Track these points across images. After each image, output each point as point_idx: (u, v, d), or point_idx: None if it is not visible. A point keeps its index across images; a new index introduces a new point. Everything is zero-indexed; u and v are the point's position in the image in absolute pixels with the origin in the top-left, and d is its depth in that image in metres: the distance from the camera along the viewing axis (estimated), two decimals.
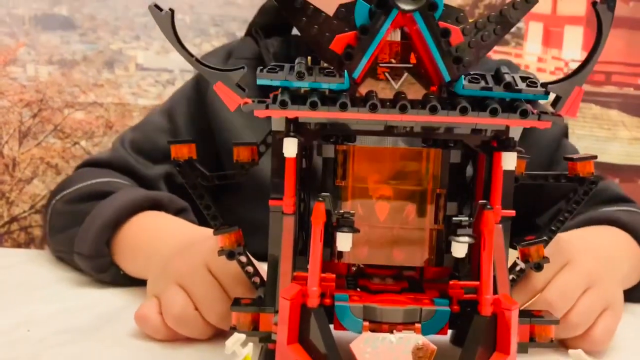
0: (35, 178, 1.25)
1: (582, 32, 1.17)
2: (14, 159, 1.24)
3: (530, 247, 0.46)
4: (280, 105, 0.39)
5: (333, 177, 0.45)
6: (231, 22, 1.24)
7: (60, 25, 1.23)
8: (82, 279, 0.65)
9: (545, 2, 1.18)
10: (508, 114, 0.39)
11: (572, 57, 1.17)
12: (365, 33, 0.40)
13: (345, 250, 0.39)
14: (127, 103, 1.23)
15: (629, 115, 1.20)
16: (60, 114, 1.23)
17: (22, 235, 1.27)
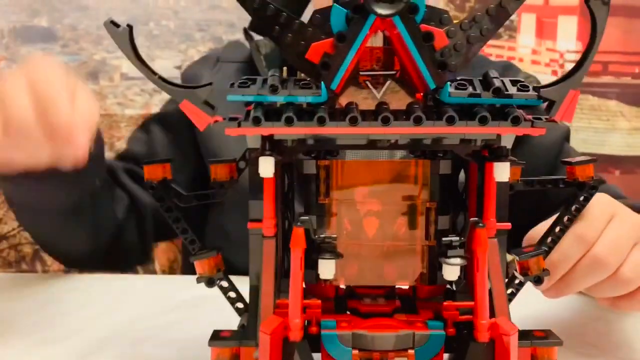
0: None
1: (577, 22, 1.14)
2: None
3: (530, 260, 0.44)
4: (253, 122, 0.36)
5: (316, 194, 0.43)
6: (217, 26, 1.21)
7: (41, 37, 1.20)
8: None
9: None
10: (498, 122, 0.36)
11: (567, 48, 1.14)
12: (343, 40, 0.37)
13: (328, 278, 0.36)
14: (114, 114, 1.20)
15: (627, 105, 1.17)
16: None
17: (12, 253, 1.25)
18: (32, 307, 0.61)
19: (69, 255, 0.71)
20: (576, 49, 1.14)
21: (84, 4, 1.19)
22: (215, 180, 0.45)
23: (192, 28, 1.21)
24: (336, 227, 0.42)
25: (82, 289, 0.67)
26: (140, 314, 0.59)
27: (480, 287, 0.35)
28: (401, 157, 0.43)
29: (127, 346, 0.52)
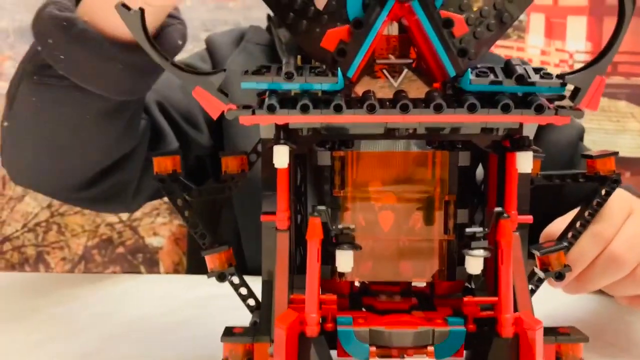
0: (27, 195, 1.21)
1: (586, 22, 1.12)
2: (4, 177, 1.20)
3: (551, 255, 0.42)
4: (268, 110, 0.35)
5: (330, 186, 0.41)
6: (223, 26, 1.20)
7: None
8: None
9: None
10: (522, 110, 0.35)
11: (576, 49, 1.13)
12: (359, 27, 0.36)
13: (346, 271, 0.35)
14: None
15: (638, 106, 1.16)
16: None
17: (15, 255, 1.23)
18: (38, 306, 0.60)
19: (72, 173, 0.62)
20: (585, 50, 1.12)
21: None
22: (226, 172, 0.44)
23: (198, 28, 1.20)
24: (351, 220, 0.41)
25: (87, 289, 0.65)
26: (147, 313, 0.58)
27: (504, 280, 0.34)
28: (418, 149, 0.42)
29: (134, 344, 0.51)
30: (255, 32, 0.81)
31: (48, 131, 0.59)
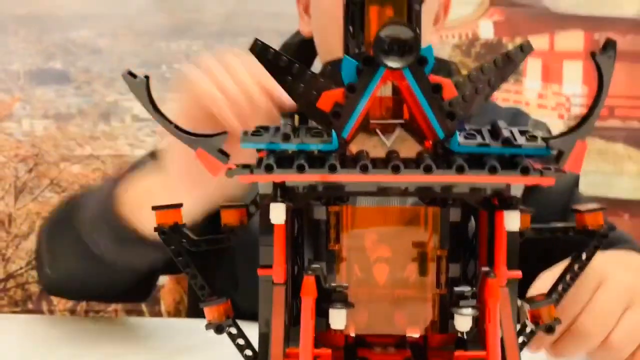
0: (32, 233, 1.23)
1: (582, 67, 1.15)
2: (10, 214, 1.22)
3: (541, 308, 0.43)
4: (266, 169, 0.37)
5: (326, 240, 0.43)
6: None
7: (55, 79, 1.22)
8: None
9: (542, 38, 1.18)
10: (508, 172, 0.37)
11: (573, 92, 1.16)
12: (353, 91, 0.38)
13: (339, 328, 0.36)
14: (124, 154, 1.21)
15: (635, 149, 1.17)
16: (56, 167, 1.22)
17: (19, 292, 1.24)
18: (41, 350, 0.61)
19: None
20: (582, 93, 1.15)
21: (97, 48, 1.22)
22: (225, 225, 0.45)
23: None
24: (346, 273, 0.42)
25: (89, 331, 0.66)
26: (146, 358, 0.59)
27: (492, 338, 0.35)
28: (411, 204, 0.43)
29: None
30: None
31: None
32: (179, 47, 1.21)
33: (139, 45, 1.22)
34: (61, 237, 0.67)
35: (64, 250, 0.67)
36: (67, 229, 0.66)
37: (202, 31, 1.21)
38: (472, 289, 0.36)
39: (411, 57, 0.36)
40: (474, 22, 1.18)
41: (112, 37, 1.21)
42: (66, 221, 0.67)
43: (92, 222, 0.62)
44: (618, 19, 1.16)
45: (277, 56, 0.39)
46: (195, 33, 1.21)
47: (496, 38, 1.19)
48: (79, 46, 1.21)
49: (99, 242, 0.62)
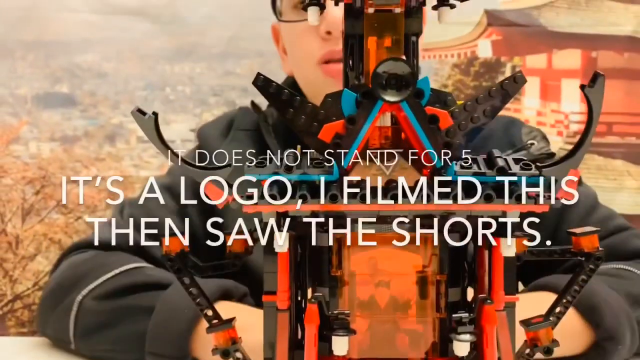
0: (39, 254, 1.24)
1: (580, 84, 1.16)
2: (17, 236, 1.24)
3: (539, 331, 0.44)
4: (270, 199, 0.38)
5: (328, 266, 0.44)
6: (231, 91, 1.26)
7: (61, 102, 1.25)
8: None
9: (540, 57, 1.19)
10: (503, 199, 0.38)
11: (571, 110, 1.17)
12: (353, 123, 0.40)
13: (342, 354, 0.37)
14: (129, 175, 1.23)
15: (634, 165, 1.19)
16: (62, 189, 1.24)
17: (25, 313, 1.25)
18: None
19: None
20: (580, 110, 1.16)
21: (103, 71, 1.25)
22: (230, 251, 0.47)
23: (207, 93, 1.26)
24: (348, 298, 0.43)
25: None
26: None
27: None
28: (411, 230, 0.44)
29: None
30: (244, 117, 0.86)
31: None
32: (182, 70, 1.24)
33: (143, 68, 1.24)
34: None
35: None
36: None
37: (205, 54, 1.23)
38: (470, 315, 0.37)
39: (408, 91, 0.38)
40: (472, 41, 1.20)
41: (117, 61, 1.24)
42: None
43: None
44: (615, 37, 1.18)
45: (279, 89, 0.41)
46: (198, 56, 1.23)
47: (495, 57, 1.21)
48: (84, 70, 1.24)
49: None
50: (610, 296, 0.64)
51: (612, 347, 0.63)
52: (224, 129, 0.85)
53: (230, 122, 0.86)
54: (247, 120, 0.85)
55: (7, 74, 1.23)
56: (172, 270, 0.45)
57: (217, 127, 0.86)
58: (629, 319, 0.64)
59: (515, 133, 0.82)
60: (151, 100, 1.23)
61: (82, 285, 0.68)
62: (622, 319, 0.63)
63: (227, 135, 0.84)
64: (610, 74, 1.15)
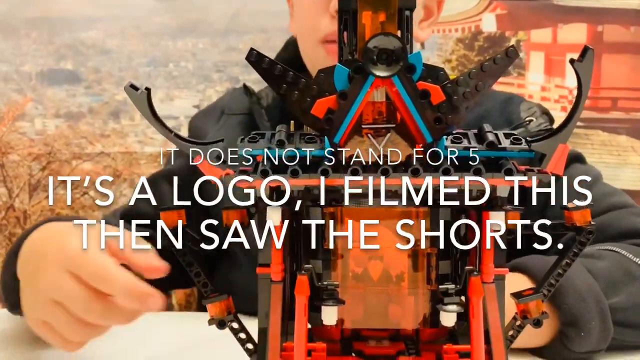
0: None
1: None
2: (25, 211, 1.26)
3: (530, 303, 0.45)
4: (262, 174, 0.39)
5: (321, 239, 0.45)
6: (234, 67, 1.26)
7: (66, 79, 1.26)
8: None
9: (545, 32, 1.18)
10: (492, 174, 0.38)
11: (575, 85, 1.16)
12: (345, 98, 0.40)
13: (331, 324, 0.38)
14: (134, 151, 1.24)
15: (638, 140, 1.18)
16: (69, 165, 1.25)
17: None
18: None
19: None
20: None
21: (107, 48, 1.25)
22: (227, 226, 0.48)
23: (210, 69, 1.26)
24: (341, 271, 0.44)
25: None
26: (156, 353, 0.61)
27: (476, 333, 0.37)
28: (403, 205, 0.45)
29: None
30: (236, 101, 0.85)
31: None
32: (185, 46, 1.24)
33: (146, 45, 1.24)
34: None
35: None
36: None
37: (208, 30, 1.23)
38: (456, 286, 0.37)
39: (398, 66, 0.38)
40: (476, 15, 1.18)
41: (121, 38, 1.24)
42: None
43: None
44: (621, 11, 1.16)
45: (272, 65, 0.41)
46: (201, 32, 1.23)
47: (499, 31, 1.19)
48: (88, 47, 1.24)
49: None
50: (579, 279, 0.59)
51: (575, 333, 0.58)
52: (216, 117, 0.85)
53: (222, 109, 0.86)
54: (239, 104, 0.85)
55: (11, 50, 1.23)
56: (169, 245, 0.46)
57: (208, 116, 0.86)
58: (598, 304, 0.59)
59: (513, 110, 0.80)
60: (155, 76, 1.23)
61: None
62: (590, 304, 0.58)
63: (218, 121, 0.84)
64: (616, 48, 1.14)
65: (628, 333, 0.62)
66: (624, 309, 0.61)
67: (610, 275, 0.62)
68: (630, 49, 1.14)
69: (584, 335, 0.59)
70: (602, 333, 0.60)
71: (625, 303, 0.62)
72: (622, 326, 0.61)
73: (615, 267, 0.64)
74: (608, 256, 0.65)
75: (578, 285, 0.59)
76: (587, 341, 0.59)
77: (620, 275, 0.63)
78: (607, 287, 0.61)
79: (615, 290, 0.62)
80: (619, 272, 0.63)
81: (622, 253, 0.65)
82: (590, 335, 0.59)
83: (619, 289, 0.62)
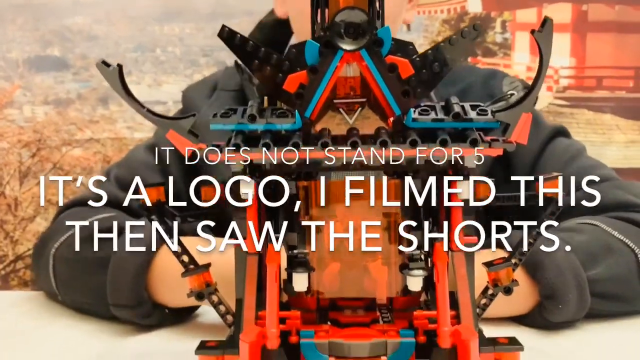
0: (38, 216, 1.27)
1: (570, 39, 1.16)
2: (16, 198, 1.27)
3: (500, 271, 0.46)
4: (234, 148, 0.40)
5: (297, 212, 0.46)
6: (220, 51, 1.26)
7: (54, 65, 1.26)
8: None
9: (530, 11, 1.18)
10: (458, 144, 0.39)
11: (561, 64, 1.17)
12: (315, 73, 0.41)
13: (301, 290, 0.39)
14: (124, 137, 1.25)
15: (623, 119, 1.19)
16: (59, 152, 1.26)
17: (27, 272, 1.29)
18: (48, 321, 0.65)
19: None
20: (570, 65, 1.16)
21: (93, 34, 1.25)
22: (205, 201, 0.49)
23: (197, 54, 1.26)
24: (317, 243, 0.45)
25: None
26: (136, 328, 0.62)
27: (441, 297, 0.38)
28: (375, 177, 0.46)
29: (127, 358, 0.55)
30: (229, 77, 0.86)
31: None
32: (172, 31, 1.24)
33: (133, 30, 1.24)
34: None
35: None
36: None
37: (194, 14, 1.23)
38: (421, 251, 0.39)
39: (365, 39, 0.39)
40: None
41: (107, 23, 1.24)
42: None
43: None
44: None
45: (243, 41, 0.42)
46: (187, 16, 1.23)
47: (484, 12, 1.20)
48: (75, 33, 1.24)
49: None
50: (559, 254, 0.60)
51: (553, 305, 0.60)
52: (208, 91, 0.86)
53: (215, 83, 0.87)
54: (232, 81, 0.86)
55: None
56: (149, 219, 0.47)
57: (201, 89, 0.87)
58: (576, 277, 0.61)
59: (496, 85, 0.81)
60: (142, 61, 1.23)
61: (56, 238, 0.69)
62: (568, 277, 0.60)
63: (211, 96, 0.84)
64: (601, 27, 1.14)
65: (605, 304, 0.64)
66: (602, 281, 0.63)
67: (590, 249, 0.64)
68: (615, 28, 1.15)
69: (561, 307, 0.61)
70: (579, 305, 0.61)
71: (603, 275, 0.63)
72: (599, 297, 0.63)
73: (594, 240, 0.65)
74: (588, 230, 0.66)
75: (558, 260, 0.61)
76: (564, 312, 0.61)
77: (599, 249, 0.65)
78: (586, 260, 0.62)
79: (594, 263, 0.63)
80: (598, 246, 0.65)
81: (602, 227, 0.67)
82: (568, 307, 0.61)
83: (597, 261, 0.64)
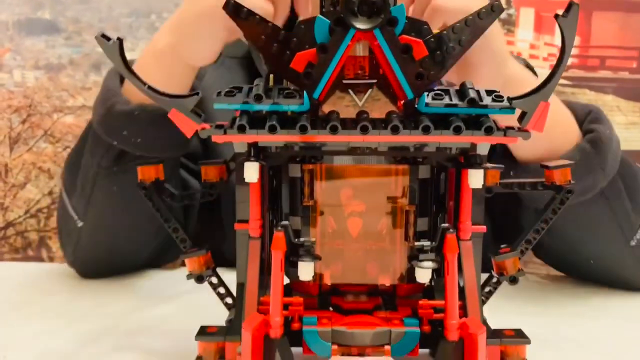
0: (29, 183, 1.25)
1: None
2: (6, 165, 1.24)
3: (506, 260, 0.45)
4: (238, 130, 0.38)
5: (301, 196, 0.44)
6: None
7: (45, 29, 1.21)
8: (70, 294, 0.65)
9: None
10: (472, 131, 0.38)
11: None
12: (325, 51, 0.39)
13: (307, 279, 0.38)
14: None
15: (624, 100, 1.17)
16: (50, 118, 1.23)
17: (18, 240, 1.28)
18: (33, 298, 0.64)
19: (144, 249, 0.71)
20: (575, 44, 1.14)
21: None
22: (205, 180, 0.47)
23: None
24: (320, 227, 0.44)
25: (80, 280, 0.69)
26: (135, 305, 0.62)
27: (450, 289, 0.37)
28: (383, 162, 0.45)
29: (122, 337, 0.54)
30: (235, 45, 0.83)
31: (128, 216, 0.66)
32: None
33: None
34: (86, 172, 0.66)
35: (90, 187, 0.66)
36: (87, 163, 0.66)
37: None
38: (432, 243, 0.37)
39: (380, 18, 0.37)
40: None
41: None
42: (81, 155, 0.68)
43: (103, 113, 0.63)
44: None
45: (250, 15, 0.40)
46: None
47: None
48: None
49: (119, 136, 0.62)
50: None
51: (593, 150, 0.63)
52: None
53: (220, 52, 0.84)
54: (238, 47, 0.83)
55: None
56: (147, 198, 0.46)
57: None
58: (617, 156, 0.65)
59: None
60: (136, 27, 1.19)
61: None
62: (613, 135, 0.66)
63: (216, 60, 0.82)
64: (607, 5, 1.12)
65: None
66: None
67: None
68: (622, 7, 1.12)
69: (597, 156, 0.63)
70: (610, 166, 0.64)
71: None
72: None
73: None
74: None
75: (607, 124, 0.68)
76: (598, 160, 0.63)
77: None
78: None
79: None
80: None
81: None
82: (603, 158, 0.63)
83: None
